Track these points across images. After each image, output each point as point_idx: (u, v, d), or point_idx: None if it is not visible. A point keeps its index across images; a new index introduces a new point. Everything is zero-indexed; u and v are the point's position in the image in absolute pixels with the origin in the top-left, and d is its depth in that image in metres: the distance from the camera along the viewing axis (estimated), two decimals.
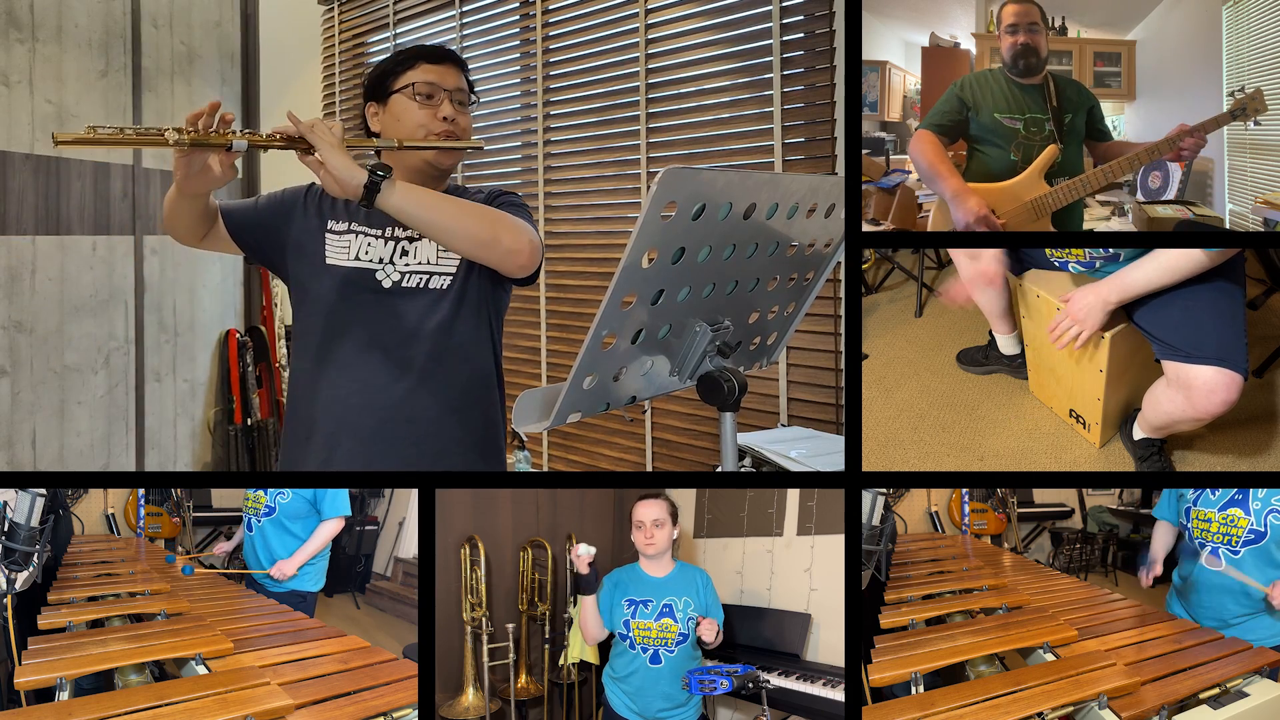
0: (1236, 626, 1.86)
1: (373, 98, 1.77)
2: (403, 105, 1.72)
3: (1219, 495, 1.88)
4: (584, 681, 2.43)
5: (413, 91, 1.71)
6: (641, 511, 1.84)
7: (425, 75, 1.72)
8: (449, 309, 1.71)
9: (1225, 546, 1.86)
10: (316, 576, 2.33)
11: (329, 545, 2.35)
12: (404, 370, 1.69)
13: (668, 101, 3.14)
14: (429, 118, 1.70)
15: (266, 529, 2.28)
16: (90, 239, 4.07)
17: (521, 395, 1.37)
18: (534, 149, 3.57)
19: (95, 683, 1.53)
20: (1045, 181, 1.97)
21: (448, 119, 1.71)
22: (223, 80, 4.62)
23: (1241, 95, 1.88)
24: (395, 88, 1.72)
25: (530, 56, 3.60)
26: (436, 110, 1.71)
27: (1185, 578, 1.97)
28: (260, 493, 2.30)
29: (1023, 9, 1.99)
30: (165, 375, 4.41)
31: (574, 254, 3.45)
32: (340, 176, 1.50)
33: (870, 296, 2.97)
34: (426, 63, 1.72)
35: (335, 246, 1.74)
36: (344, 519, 2.35)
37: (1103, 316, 1.91)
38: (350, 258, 1.72)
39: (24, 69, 3.84)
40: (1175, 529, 2.09)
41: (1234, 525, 1.85)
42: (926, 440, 2.21)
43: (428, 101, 1.71)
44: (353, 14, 4.45)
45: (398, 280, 1.71)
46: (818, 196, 1.43)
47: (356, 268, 1.72)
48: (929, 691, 1.48)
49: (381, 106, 1.75)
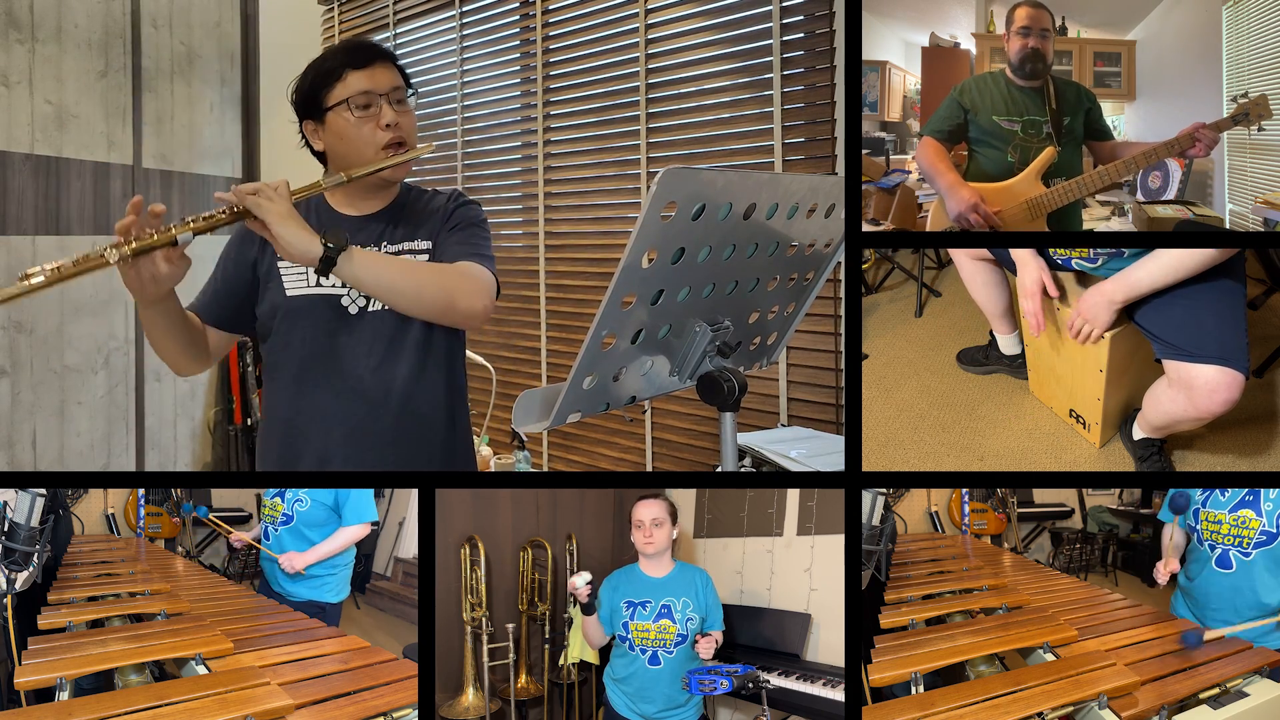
0: (1244, 631, 1.85)
1: (308, 116, 1.68)
2: (342, 123, 1.64)
3: (1229, 496, 1.84)
4: (584, 681, 2.43)
5: (349, 106, 1.63)
6: (641, 511, 1.84)
7: (358, 84, 1.63)
8: (420, 327, 1.69)
9: (1236, 548, 1.82)
10: (339, 586, 2.24)
11: (352, 554, 2.27)
12: (388, 390, 1.68)
13: (668, 101, 3.14)
14: (371, 130, 1.63)
15: (284, 538, 2.21)
16: (90, 239, 4.07)
17: (521, 395, 1.37)
18: (534, 149, 3.57)
19: (95, 683, 1.52)
20: (1042, 183, 1.97)
21: (390, 125, 1.64)
22: (222, 80, 4.62)
23: (1245, 100, 1.87)
24: (329, 104, 1.64)
25: (530, 56, 3.60)
26: (378, 119, 1.63)
27: (1192, 579, 1.96)
28: (278, 500, 2.22)
29: (1036, 13, 1.99)
30: (165, 375, 4.40)
31: (574, 254, 3.45)
32: (293, 252, 1.45)
33: (870, 296, 2.97)
34: (354, 69, 1.64)
35: (292, 275, 1.69)
36: (370, 525, 2.24)
37: (1110, 315, 1.90)
38: (311, 284, 1.68)
39: (24, 69, 3.84)
40: (1182, 530, 2.08)
41: (1245, 526, 1.82)
42: (926, 440, 2.21)
43: (366, 112, 1.63)
44: (353, 14, 4.45)
45: (364, 305, 1.68)
46: (818, 196, 1.43)
47: (321, 295, 1.68)
48: (929, 691, 1.48)
49: (319, 125, 1.67)
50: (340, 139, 1.65)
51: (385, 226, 1.72)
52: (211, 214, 1.47)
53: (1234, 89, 1.95)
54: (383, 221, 1.73)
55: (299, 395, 1.70)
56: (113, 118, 4.15)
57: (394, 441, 1.69)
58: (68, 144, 4.00)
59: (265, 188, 1.47)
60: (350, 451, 1.69)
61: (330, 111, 1.64)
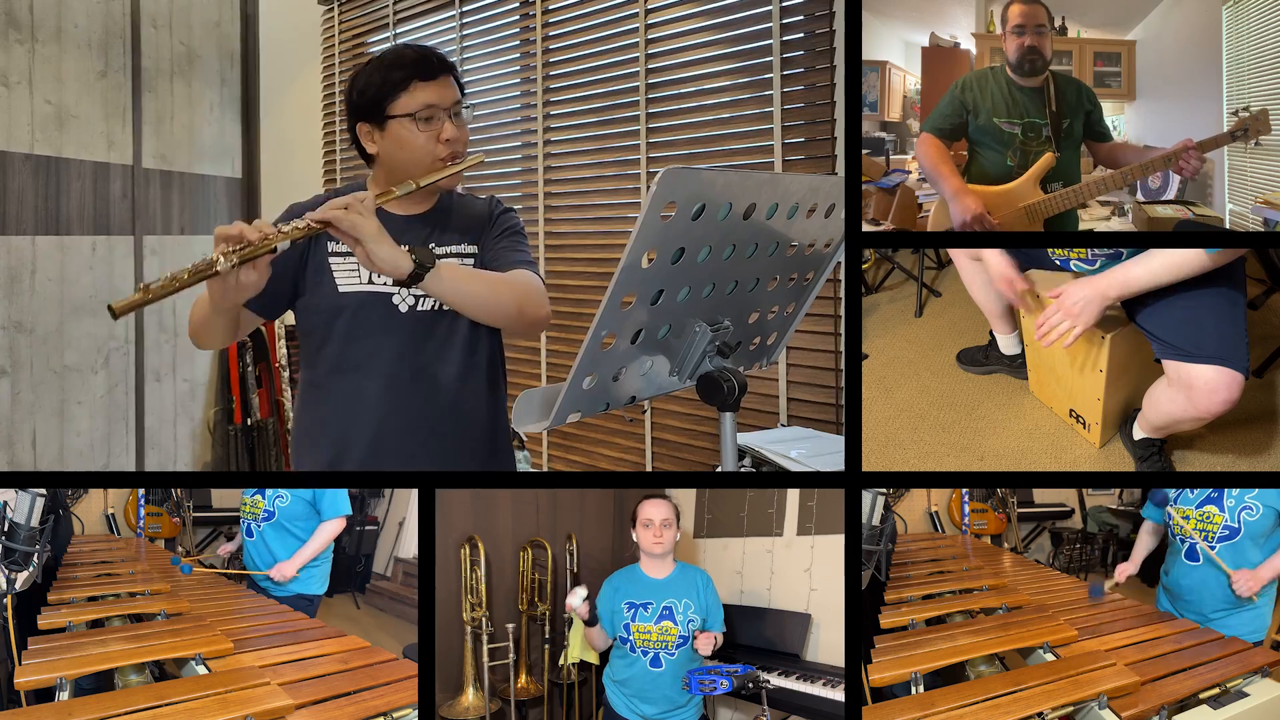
0: (1216, 621, 1.90)
1: (366, 119, 1.70)
2: (405, 134, 1.66)
3: (1196, 493, 1.96)
4: (584, 681, 2.43)
5: (414, 120, 1.65)
6: (650, 510, 1.83)
7: (424, 97, 1.65)
8: (468, 326, 1.72)
9: (1203, 542, 1.93)
10: (321, 579, 2.31)
11: (331, 547, 2.33)
12: (436, 389, 1.70)
13: (668, 101, 3.14)
14: (432, 142, 1.66)
15: (267, 534, 2.26)
16: (90, 239, 4.08)
17: (521, 395, 1.37)
18: (534, 149, 3.57)
19: (95, 683, 1.53)
20: (1040, 187, 1.97)
21: (450, 140, 1.67)
22: (222, 80, 4.62)
23: (1245, 115, 1.87)
24: (394, 113, 1.66)
25: (530, 56, 3.60)
26: (439, 133, 1.66)
27: (1168, 573, 2.03)
28: (258, 497, 2.27)
29: (1030, 10, 1.99)
30: (165, 375, 4.41)
31: (574, 254, 3.45)
32: (386, 268, 1.49)
33: (870, 296, 2.97)
34: (420, 80, 1.66)
35: (344, 271, 1.71)
36: (345, 519, 2.33)
37: (1099, 312, 1.84)
38: (363, 281, 1.70)
39: (24, 69, 3.84)
40: (1161, 527, 2.13)
41: (1209, 522, 1.94)
42: (926, 440, 2.21)
43: (428, 125, 1.66)
44: (353, 14, 4.45)
45: (413, 304, 1.70)
46: (818, 196, 1.43)
47: (373, 291, 1.70)
48: (929, 691, 1.48)
49: (378, 129, 1.69)
50: (400, 148, 1.68)
51: (433, 229, 1.76)
52: (306, 224, 1.49)
53: (1234, 89, 1.95)
54: (429, 223, 1.77)
55: (349, 387, 1.71)
56: (112, 118, 4.15)
57: (442, 439, 1.72)
58: (68, 144, 4.00)
59: (355, 203, 1.49)
60: (399, 447, 1.70)
61: (393, 120, 1.67)
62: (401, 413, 1.71)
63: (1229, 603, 1.92)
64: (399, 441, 1.71)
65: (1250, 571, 1.88)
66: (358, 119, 1.71)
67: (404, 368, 1.70)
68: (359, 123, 1.72)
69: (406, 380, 1.70)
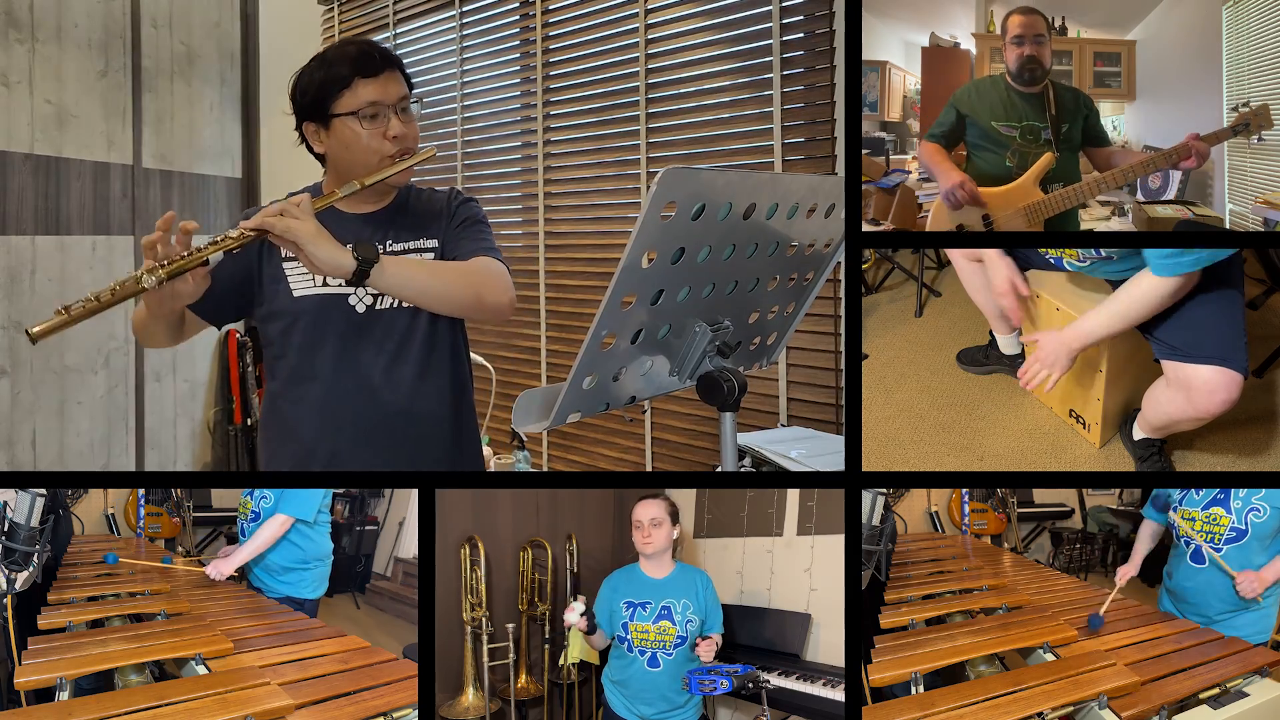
0: (1221, 624, 1.89)
1: (311, 118, 1.66)
2: (350, 133, 1.63)
3: (1202, 494, 1.94)
4: (584, 681, 2.43)
5: (358, 118, 1.61)
6: (640, 511, 1.84)
7: (368, 94, 1.61)
8: (427, 322, 1.71)
9: (1209, 544, 1.91)
10: (316, 583, 2.28)
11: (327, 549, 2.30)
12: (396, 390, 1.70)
13: (668, 101, 3.14)
14: (379, 140, 1.62)
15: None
16: (90, 239, 4.07)
17: (521, 395, 1.37)
18: (534, 149, 3.57)
19: (95, 683, 1.52)
20: (1040, 189, 1.98)
21: (397, 137, 1.63)
22: (222, 80, 4.62)
23: (1245, 110, 1.87)
24: (337, 112, 1.62)
25: (530, 56, 3.60)
26: (385, 129, 1.62)
27: (1172, 575, 2.02)
28: (248, 498, 2.26)
29: (1029, 20, 2.00)
30: (165, 375, 4.41)
31: (574, 254, 3.45)
32: (328, 268, 1.47)
33: (870, 296, 2.97)
34: (363, 77, 1.61)
35: (297, 276, 1.69)
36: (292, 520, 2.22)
37: (1068, 361, 1.94)
38: (318, 284, 1.68)
39: (24, 69, 3.84)
40: (1161, 528, 2.13)
41: (1216, 523, 1.91)
42: (926, 440, 2.21)
43: (374, 123, 1.62)
44: (353, 14, 4.45)
45: (371, 304, 1.69)
46: (818, 196, 1.43)
47: (329, 294, 1.68)
48: (929, 691, 1.48)
49: (323, 129, 1.65)
50: (346, 148, 1.65)
51: (390, 226, 1.74)
52: (240, 232, 1.47)
53: (1234, 89, 1.95)
54: (386, 220, 1.74)
55: (308, 396, 1.71)
56: (113, 117, 4.15)
57: (401, 441, 1.71)
58: (68, 144, 4.00)
59: (290, 207, 1.48)
60: (359, 451, 1.70)
61: (337, 119, 1.64)
62: (359, 420, 1.69)
63: (1234, 605, 1.90)
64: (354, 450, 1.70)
65: (1255, 573, 1.87)
66: (303, 119, 1.69)
67: (358, 372, 1.69)
68: (304, 123, 1.69)
69: (362, 385, 1.69)
